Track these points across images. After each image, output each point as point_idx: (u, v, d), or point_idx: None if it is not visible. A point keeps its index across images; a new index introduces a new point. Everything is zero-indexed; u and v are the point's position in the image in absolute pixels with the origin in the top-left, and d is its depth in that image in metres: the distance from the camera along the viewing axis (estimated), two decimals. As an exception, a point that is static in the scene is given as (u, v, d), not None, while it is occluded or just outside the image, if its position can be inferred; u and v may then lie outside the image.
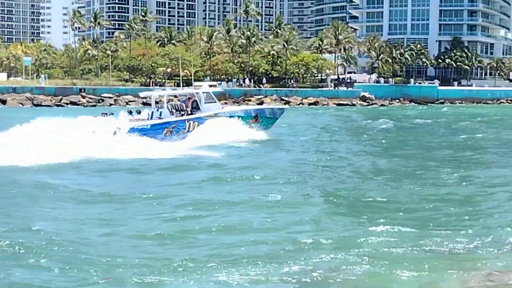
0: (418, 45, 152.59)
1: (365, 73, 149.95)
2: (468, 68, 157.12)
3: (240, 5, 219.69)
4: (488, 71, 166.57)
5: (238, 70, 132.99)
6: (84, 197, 22.22)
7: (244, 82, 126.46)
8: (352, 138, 49.05)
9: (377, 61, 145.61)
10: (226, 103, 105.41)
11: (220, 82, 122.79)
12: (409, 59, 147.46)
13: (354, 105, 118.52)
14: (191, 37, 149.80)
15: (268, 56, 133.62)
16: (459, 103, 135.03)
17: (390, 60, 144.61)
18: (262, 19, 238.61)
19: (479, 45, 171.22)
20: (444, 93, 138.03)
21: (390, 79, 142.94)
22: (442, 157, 35.07)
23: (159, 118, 41.66)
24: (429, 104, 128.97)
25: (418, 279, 13.17)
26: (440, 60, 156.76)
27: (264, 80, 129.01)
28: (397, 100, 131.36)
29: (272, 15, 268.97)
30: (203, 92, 44.37)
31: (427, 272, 13.53)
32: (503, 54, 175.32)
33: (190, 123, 41.73)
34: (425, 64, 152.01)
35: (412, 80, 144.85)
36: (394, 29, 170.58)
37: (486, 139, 47.85)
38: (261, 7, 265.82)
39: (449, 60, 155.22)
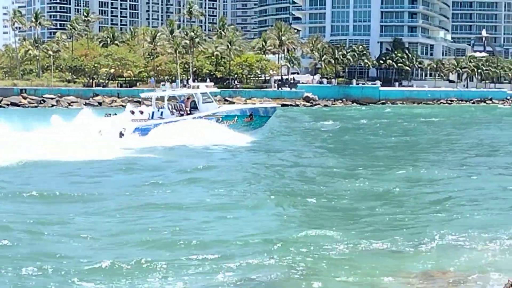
0: (360, 46, 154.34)
1: (308, 73, 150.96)
2: (409, 69, 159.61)
3: (183, 6, 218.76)
4: (428, 72, 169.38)
5: (182, 71, 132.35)
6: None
7: (187, 82, 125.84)
8: (299, 139, 49.41)
9: (320, 62, 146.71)
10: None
11: (163, 83, 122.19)
12: (351, 60, 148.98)
13: (297, 105, 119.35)
14: (134, 38, 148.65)
15: (212, 57, 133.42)
16: (400, 103, 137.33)
17: (333, 61, 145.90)
18: (205, 19, 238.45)
19: (420, 46, 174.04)
20: (386, 94, 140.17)
21: (333, 80, 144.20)
22: (384, 157, 35.79)
23: (160, 118, 43.73)
24: (371, 104, 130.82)
25: (358, 279, 13.37)
26: (381, 61, 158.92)
27: (208, 81, 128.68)
28: (340, 101, 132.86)
29: (215, 15, 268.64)
30: (201, 93, 46.88)
31: (367, 272, 13.76)
32: (442, 55, 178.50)
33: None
34: (367, 65, 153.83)
35: (354, 81, 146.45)
36: (337, 30, 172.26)
37: (427, 139, 48.92)
38: (205, 7, 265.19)
39: (390, 61, 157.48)
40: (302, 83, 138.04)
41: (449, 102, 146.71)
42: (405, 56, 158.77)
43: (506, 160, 34.57)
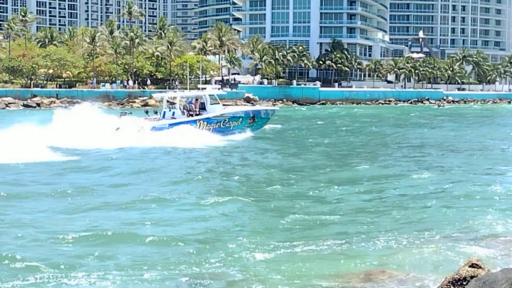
0: (300, 47, 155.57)
1: (249, 74, 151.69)
2: (348, 69, 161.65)
3: (123, 6, 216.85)
4: (367, 73, 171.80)
5: (122, 72, 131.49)
6: None
7: (128, 83, 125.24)
8: (242, 139, 49.49)
9: (260, 63, 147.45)
10: (110, 104, 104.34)
11: (104, 83, 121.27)
12: (292, 60, 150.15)
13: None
14: (73, 38, 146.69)
15: (153, 58, 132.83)
16: (340, 103, 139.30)
17: (273, 62, 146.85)
18: (145, 20, 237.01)
19: (358, 47, 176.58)
20: (326, 94, 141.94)
21: (273, 81, 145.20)
22: (322, 157, 36.32)
23: (173, 118, 47.57)
24: (311, 105, 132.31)
25: (295, 282, 13.46)
26: (321, 62, 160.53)
27: (149, 82, 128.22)
28: (280, 101, 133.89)
29: (155, 16, 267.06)
30: (209, 95, 50.85)
31: (304, 275, 13.88)
32: (381, 56, 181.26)
33: (200, 123, 47.73)
34: (307, 65, 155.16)
35: (294, 82, 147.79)
36: (277, 31, 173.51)
37: (363, 140, 49.75)
38: (145, 8, 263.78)
39: (330, 62, 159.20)
40: (243, 83, 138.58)
41: (387, 102, 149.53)
42: (344, 57, 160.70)
43: (441, 160, 35.60)
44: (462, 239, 16.74)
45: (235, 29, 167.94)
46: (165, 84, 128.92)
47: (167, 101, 50.71)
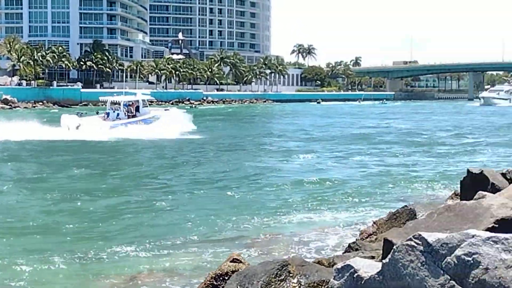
0: (60, 48, 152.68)
1: (6, 75, 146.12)
2: (110, 70, 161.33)
3: None
4: (129, 74, 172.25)
5: None
6: None
7: None
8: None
9: (18, 63, 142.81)
10: None
11: None
12: (51, 61, 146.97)
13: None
14: None
15: None
16: (102, 104, 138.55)
17: (32, 63, 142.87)
18: None
19: (119, 48, 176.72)
20: (88, 96, 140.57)
21: (32, 82, 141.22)
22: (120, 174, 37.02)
23: (118, 118, 58.56)
24: (73, 106, 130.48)
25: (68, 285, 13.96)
26: (82, 63, 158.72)
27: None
28: (41, 103, 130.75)
29: None
30: (141, 99, 62.12)
31: (67, 280, 14.32)
32: (142, 57, 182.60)
33: (139, 122, 59.06)
34: (67, 66, 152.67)
35: (55, 83, 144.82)
36: (35, 31, 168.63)
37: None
38: None
39: (91, 63, 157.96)
40: (0, 85, 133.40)
41: (149, 103, 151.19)
42: (105, 58, 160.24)
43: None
44: (225, 240, 17.74)
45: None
46: None
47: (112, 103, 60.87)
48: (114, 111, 59.08)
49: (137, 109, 60.28)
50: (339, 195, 24.41)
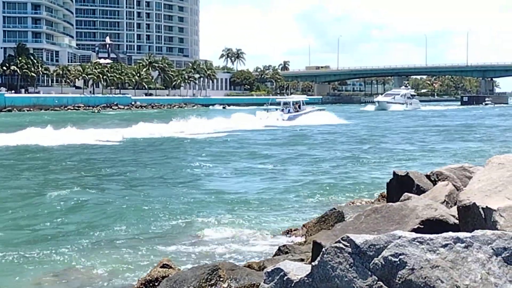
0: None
1: None
2: (35, 75, 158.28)
3: None
4: (54, 78, 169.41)
5: None
6: None
7: None
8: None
9: None
10: None
11: None
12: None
13: None
14: None
15: None
16: (28, 110, 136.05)
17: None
18: None
19: (45, 52, 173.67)
20: (12, 101, 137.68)
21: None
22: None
23: (289, 112, 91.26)
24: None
25: None
26: (5, 67, 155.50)
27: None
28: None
29: None
30: (301, 100, 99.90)
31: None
32: (68, 62, 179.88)
33: (302, 115, 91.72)
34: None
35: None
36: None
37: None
38: None
39: (15, 67, 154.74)
40: None
41: (76, 108, 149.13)
42: (30, 62, 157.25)
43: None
44: (158, 241, 17.62)
45: None
46: None
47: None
48: (286, 108, 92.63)
49: (299, 106, 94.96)
50: (267, 202, 24.48)
